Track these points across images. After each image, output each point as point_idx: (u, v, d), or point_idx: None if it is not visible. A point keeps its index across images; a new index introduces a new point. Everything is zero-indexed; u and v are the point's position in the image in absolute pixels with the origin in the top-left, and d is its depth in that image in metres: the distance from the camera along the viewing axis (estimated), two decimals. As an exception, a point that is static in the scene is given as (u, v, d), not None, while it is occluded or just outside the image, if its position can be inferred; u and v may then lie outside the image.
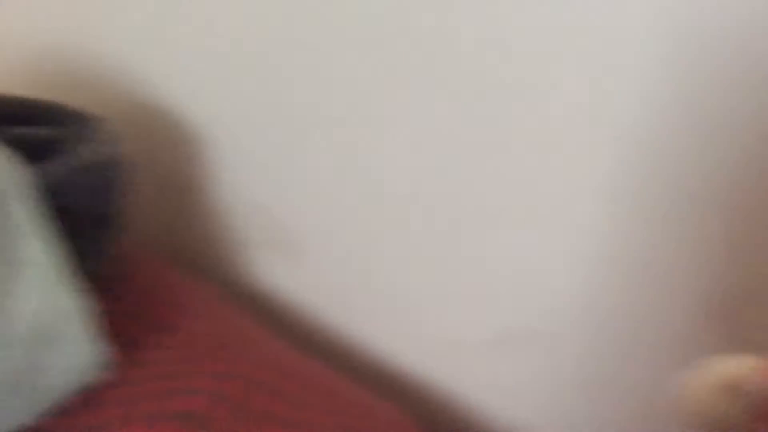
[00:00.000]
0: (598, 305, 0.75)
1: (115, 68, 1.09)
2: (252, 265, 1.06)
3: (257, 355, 0.86)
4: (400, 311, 0.92)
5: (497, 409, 0.86)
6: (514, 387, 0.84)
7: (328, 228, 0.96)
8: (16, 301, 0.75)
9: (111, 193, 0.91)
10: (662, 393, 0.58)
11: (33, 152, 0.84)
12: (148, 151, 1.07)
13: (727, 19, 0.61)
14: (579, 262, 0.75)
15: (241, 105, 0.98)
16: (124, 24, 1.06)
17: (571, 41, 0.70)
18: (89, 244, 0.89)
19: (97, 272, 0.89)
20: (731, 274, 0.67)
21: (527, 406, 0.84)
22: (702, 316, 0.69)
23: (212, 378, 0.81)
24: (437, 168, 0.83)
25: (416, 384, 0.93)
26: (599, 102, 0.70)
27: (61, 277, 0.79)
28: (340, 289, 0.98)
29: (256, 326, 0.93)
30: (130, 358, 0.83)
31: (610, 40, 0.67)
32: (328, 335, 1.00)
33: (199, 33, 0.99)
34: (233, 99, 0.99)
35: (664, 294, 0.71)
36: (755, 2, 0.59)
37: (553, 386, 0.81)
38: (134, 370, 0.81)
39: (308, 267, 1.00)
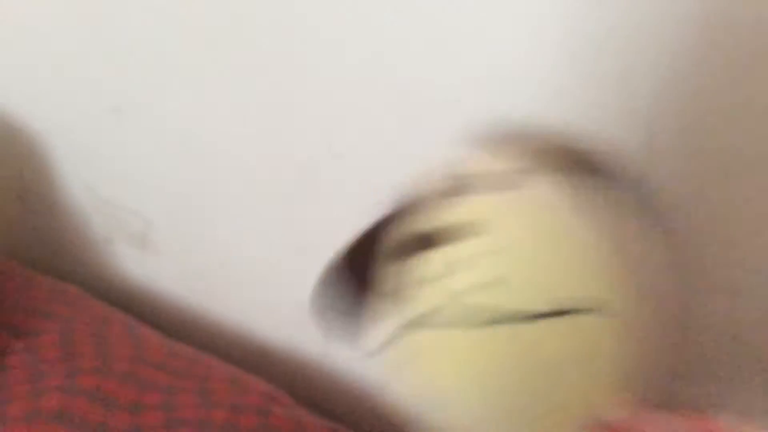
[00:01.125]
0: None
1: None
2: (107, 259, 1.06)
3: (126, 349, 0.87)
4: (258, 282, 0.94)
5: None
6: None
7: (174, 212, 0.97)
8: None
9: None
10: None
11: None
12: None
13: None
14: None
15: (74, 103, 0.96)
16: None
17: None
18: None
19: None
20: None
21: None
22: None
23: (83, 375, 0.81)
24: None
25: (283, 351, 0.96)
26: None
27: None
28: (194, 269, 1.00)
29: (121, 319, 0.93)
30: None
31: None
32: (192, 317, 1.01)
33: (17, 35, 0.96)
34: (65, 98, 0.97)
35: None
36: None
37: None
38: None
39: (160, 253, 1.01)
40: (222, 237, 0.94)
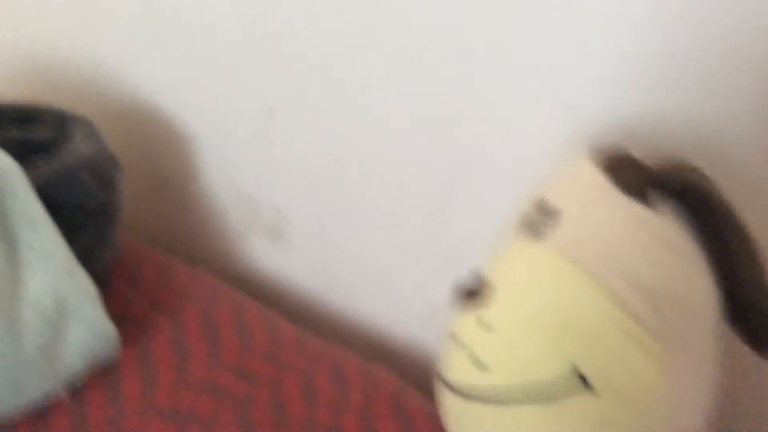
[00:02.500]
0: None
1: (97, 68, 1.12)
2: (242, 251, 1.10)
3: (263, 332, 0.90)
4: (382, 279, 0.97)
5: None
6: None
7: (312, 211, 1.01)
8: (29, 286, 0.78)
9: (102, 189, 0.93)
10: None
11: (23, 153, 0.87)
12: (136, 148, 1.10)
13: None
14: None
15: (227, 101, 1.02)
16: (108, 24, 1.09)
17: None
18: (87, 237, 0.92)
19: (97, 262, 0.92)
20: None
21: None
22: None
23: (226, 352, 0.85)
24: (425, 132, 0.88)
25: (408, 351, 0.97)
26: None
27: (69, 265, 0.83)
28: (324, 264, 1.03)
29: (257, 306, 0.96)
30: (140, 338, 0.86)
31: None
32: (319, 311, 1.04)
33: (174, 31, 1.03)
34: (210, 92, 1.03)
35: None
36: None
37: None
38: (146, 347, 0.85)
39: (293, 247, 1.04)
40: (357, 238, 0.98)
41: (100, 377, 0.81)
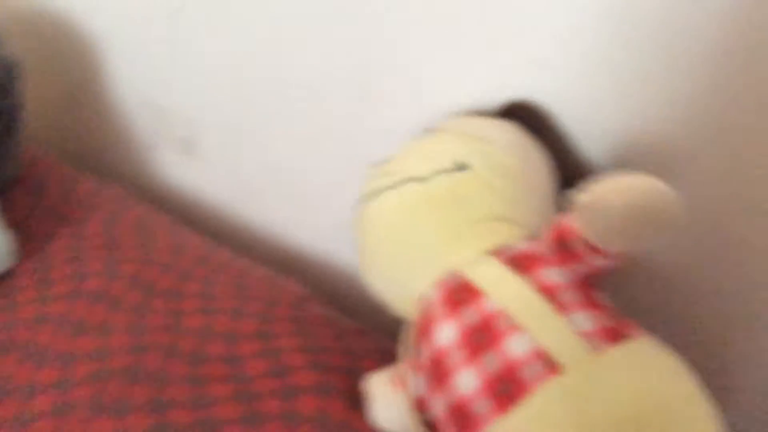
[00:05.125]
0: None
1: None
2: (152, 162, 1.08)
3: (166, 243, 0.89)
4: (298, 192, 0.96)
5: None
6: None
7: (221, 120, 0.98)
8: None
9: (5, 96, 0.90)
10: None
11: None
12: (43, 58, 1.06)
13: None
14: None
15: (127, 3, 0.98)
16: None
17: None
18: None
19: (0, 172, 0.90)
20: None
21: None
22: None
23: (124, 262, 0.83)
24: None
25: (319, 259, 0.97)
26: None
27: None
28: (238, 177, 1.01)
29: (163, 218, 0.95)
30: (39, 248, 0.85)
31: None
32: (232, 224, 1.03)
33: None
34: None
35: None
36: None
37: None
38: (44, 257, 0.83)
39: (205, 158, 1.02)
40: (268, 146, 0.96)
41: (-6, 287, 0.80)
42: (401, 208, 0.65)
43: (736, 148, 0.63)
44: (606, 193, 0.53)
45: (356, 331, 0.82)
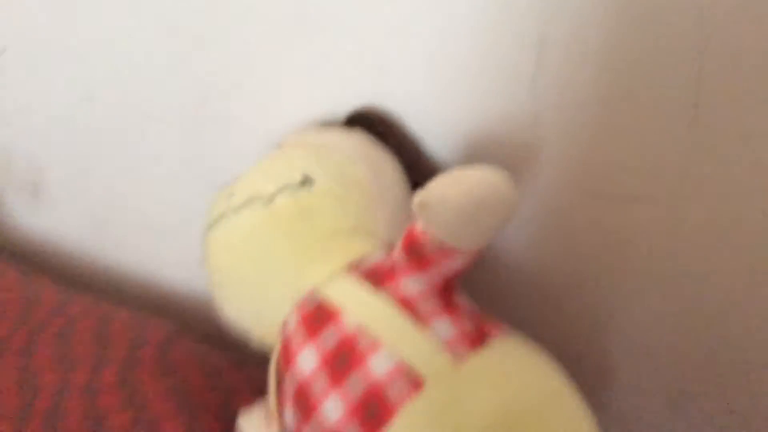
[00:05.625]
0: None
1: None
2: None
3: (17, 297, 0.83)
4: (155, 224, 0.91)
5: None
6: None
7: (68, 157, 0.93)
8: None
9: None
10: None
11: None
12: None
13: None
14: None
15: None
16: None
17: None
18: None
19: None
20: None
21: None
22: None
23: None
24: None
25: (188, 293, 0.93)
26: None
27: None
28: (90, 215, 0.96)
29: (13, 269, 0.89)
30: None
31: None
32: (91, 266, 0.97)
33: None
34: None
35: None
36: None
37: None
38: None
39: (54, 200, 0.96)
40: (120, 184, 0.91)
41: None
42: (246, 232, 0.62)
43: (581, 138, 0.63)
44: (440, 188, 0.52)
45: (230, 366, 0.78)
